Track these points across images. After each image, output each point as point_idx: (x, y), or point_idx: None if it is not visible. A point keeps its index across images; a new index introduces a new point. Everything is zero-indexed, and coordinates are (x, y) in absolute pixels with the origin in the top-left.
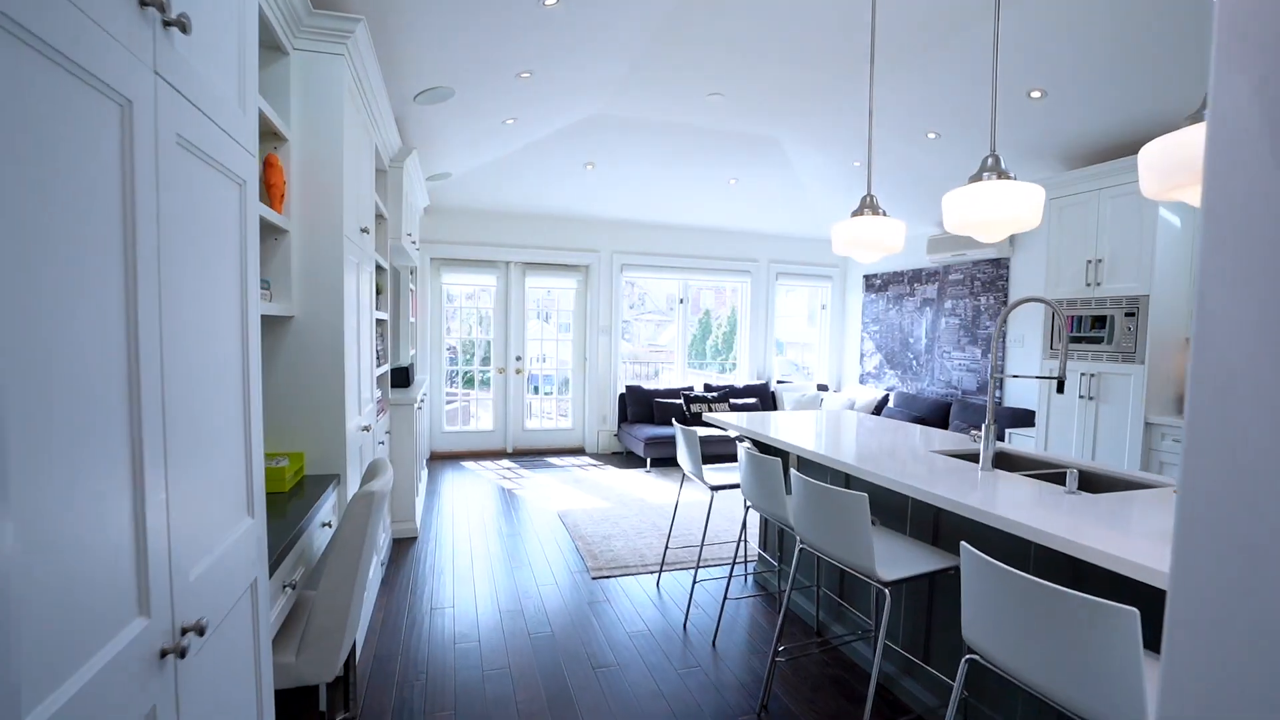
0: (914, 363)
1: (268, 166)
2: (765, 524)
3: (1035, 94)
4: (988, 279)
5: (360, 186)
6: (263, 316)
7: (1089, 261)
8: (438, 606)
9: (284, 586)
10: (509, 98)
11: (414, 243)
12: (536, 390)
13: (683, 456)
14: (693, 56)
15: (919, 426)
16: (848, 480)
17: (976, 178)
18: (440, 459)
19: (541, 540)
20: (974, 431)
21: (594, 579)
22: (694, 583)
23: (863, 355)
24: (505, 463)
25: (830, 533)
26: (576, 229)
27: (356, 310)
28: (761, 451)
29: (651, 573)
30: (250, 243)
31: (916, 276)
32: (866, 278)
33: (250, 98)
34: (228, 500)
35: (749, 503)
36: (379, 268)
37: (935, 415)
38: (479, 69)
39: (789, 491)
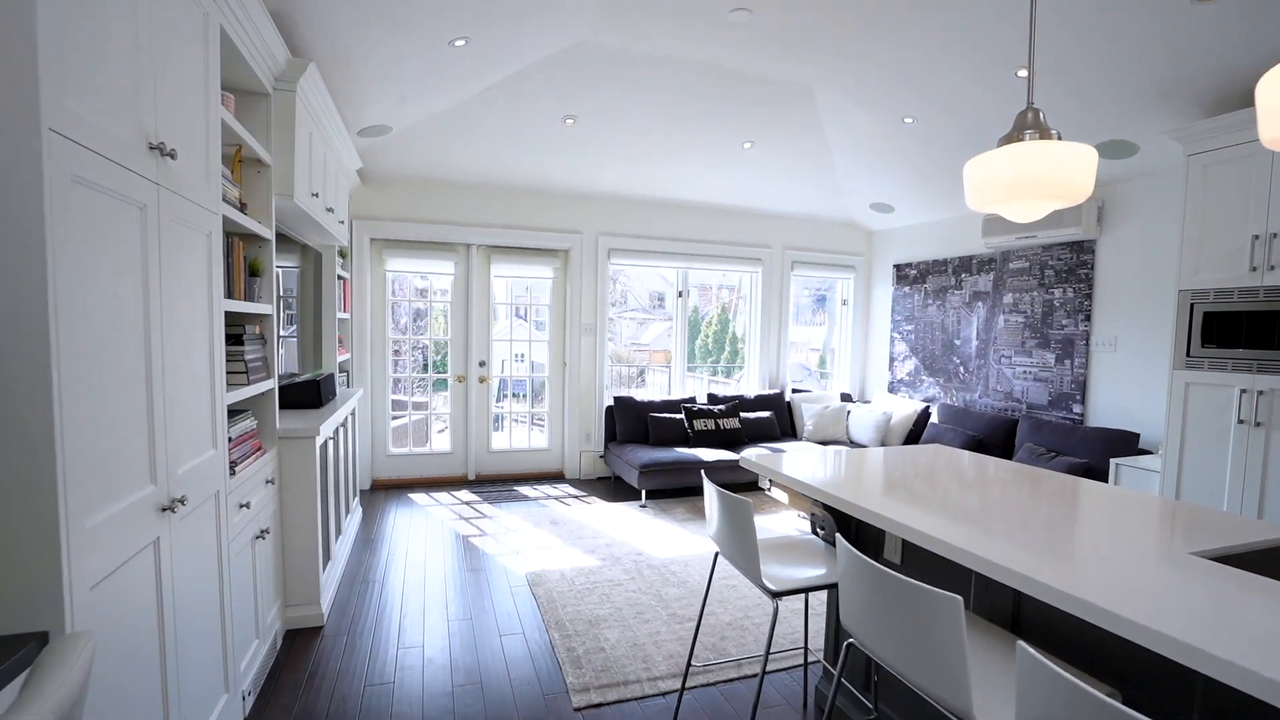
0: (960, 369)
1: None
2: (837, 621)
3: None
4: (1064, 267)
5: (144, 58)
6: None
7: (1255, 238)
8: None
9: None
10: None
11: (331, 210)
12: (506, 396)
13: (725, 540)
14: None
15: (1117, 489)
16: (1018, 598)
17: None
18: (384, 488)
19: (502, 628)
20: None
21: (577, 709)
22: None
23: (893, 359)
24: (465, 494)
25: None
26: (553, 204)
27: (146, 291)
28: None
29: (667, 693)
30: None
31: (965, 265)
32: (897, 267)
33: None
34: None
35: (860, 645)
36: (249, 236)
37: (997, 435)
38: None
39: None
